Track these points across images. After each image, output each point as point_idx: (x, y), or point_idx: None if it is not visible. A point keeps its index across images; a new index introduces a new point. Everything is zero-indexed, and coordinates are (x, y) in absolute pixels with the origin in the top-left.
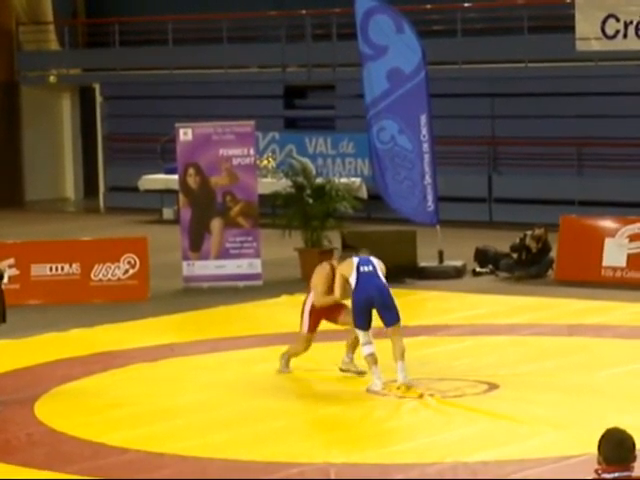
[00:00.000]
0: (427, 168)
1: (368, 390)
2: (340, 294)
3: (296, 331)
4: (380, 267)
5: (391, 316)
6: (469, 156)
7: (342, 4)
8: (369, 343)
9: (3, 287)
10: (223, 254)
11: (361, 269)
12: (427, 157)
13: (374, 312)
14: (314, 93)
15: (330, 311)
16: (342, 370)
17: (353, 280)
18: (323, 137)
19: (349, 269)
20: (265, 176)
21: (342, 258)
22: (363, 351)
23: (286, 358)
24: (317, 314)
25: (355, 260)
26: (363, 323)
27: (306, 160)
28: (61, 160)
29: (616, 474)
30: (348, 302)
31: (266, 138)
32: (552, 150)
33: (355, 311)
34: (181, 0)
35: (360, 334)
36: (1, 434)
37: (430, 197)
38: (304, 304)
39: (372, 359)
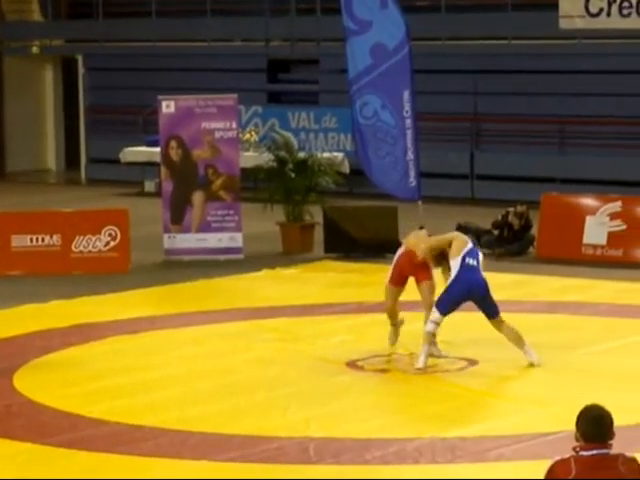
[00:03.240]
0: (410, 144)
1: (415, 368)
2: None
3: (280, 305)
4: (482, 263)
5: (493, 309)
6: (452, 132)
7: None
8: (437, 325)
9: None
10: (204, 227)
11: (467, 260)
12: (410, 133)
13: None
14: (298, 67)
15: (416, 270)
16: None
17: (456, 265)
18: (306, 111)
19: (459, 248)
20: (247, 150)
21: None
22: (427, 326)
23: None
24: (400, 267)
25: (468, 246)
26: (448, 311)
27: (289, 134)
28: (43, 131)
29: (594, 451)
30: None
31: (249, 112)
32: (534, 127)
33: (449, 297)
34: None
35: (436, 315)
36: None
37: (412, 173)
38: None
39: (430, 339)
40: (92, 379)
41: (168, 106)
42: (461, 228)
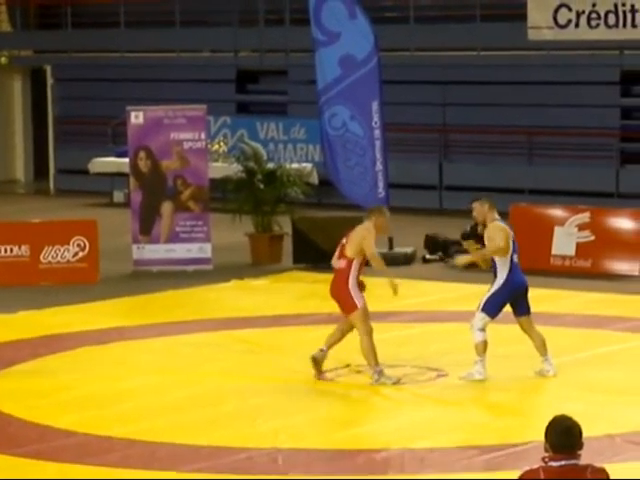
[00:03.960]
0: (378, 155)
1: (463, 377)
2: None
3: (249, 315)
4: None
5: (528, 306)
6: (420, 143)
7: None
8: (485, 331)
9: None
10: (173, 238)
11: (514, 258)
12: (378, 144)
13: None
14: (266, 78)
15: (342, 299)
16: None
17: (504, 265)
18: (275, 122)
19: (507, 245)
20: (216, 160)
21: (492, 207)
22: (478, 336)
23: (371, 361)
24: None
25: (511, 235)
26: (497, 314)
27: (257, 145)
28: (11, 142)
29: (563, 462)
30: None
31: (218, 122)
32: (503, 138)
33: (499, 300)
34: None
35: (485, 319)
36: None
37: (381, 184)
38: (344, 280)
39: (485, 347)
40: (61, 390)
41: (137, 117)
42: (429, 239)
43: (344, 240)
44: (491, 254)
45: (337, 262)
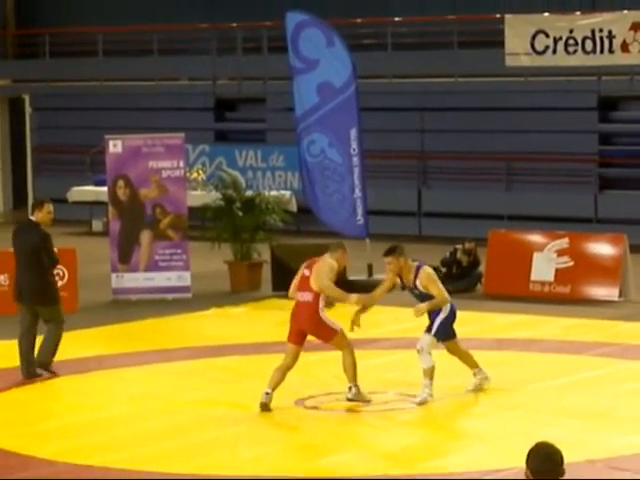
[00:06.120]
0: (357, 182)
1: (419, 403)
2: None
3: (228, 343)
4: None
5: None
6: (399, 170)
7: (273, 17)
8: (431, 354)
9: None
10: (152, 266)
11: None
12: (357, 171)
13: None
14: (245, 106)
15: (317, 329)
16: (349, 400)
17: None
18: (253, 150)
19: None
20: (195, 189)
21: (405, 256)
22: (430, 361)
23: (353, 377)
24: (298, 322)
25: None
26: (448, 334)
27: (236, 173)
28: None
29: None
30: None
31: (196, 151)
32: (481, 165)
33: (447, 325)
34: (111, 12)
35: (435, 344)
36: None
37: (360, 211)
38: (313, 312)
39: (433, 372)
40: (41, 419)
41: (115, 145)
42: None
43: (306, 272)
44: (439, 305)
45: (301, 295)
